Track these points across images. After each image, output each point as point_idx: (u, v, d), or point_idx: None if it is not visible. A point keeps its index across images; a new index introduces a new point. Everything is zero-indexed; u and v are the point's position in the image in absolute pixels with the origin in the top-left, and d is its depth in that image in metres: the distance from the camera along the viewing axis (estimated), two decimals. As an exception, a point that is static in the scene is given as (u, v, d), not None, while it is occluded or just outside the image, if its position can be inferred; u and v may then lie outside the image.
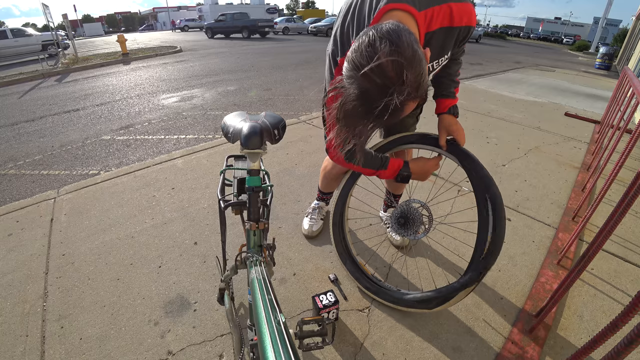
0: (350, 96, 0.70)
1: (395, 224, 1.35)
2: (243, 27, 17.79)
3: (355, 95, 0.69)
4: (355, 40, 0.72)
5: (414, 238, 1.33)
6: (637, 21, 12.93)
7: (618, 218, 1.01)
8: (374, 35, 0.68)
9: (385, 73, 0.65)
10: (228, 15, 18.32)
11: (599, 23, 24.39)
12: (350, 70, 0.69)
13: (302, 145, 3.00)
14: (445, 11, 0.96)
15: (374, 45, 0.66)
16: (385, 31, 0.68)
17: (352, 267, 1.48)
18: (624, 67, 3.34)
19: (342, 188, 1.44)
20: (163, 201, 2.13)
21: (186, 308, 1.38)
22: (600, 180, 2.25)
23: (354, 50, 0.70)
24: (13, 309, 1.37)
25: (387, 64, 0.65)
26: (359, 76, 0.67)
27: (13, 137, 3.81)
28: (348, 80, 0.70)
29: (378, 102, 0.67)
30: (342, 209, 1.48)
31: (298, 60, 9.51)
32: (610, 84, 7.67)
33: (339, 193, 1.46)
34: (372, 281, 1.43)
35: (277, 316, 0.59)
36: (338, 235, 1.50)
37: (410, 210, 1.31)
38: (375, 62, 0.65)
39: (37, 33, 13.43)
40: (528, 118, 4.14)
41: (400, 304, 1.33)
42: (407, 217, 1.31)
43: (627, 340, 0.67)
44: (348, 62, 0.71)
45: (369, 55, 0.66)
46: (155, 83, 6.60)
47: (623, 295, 1.50)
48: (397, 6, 0.89)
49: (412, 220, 1.30)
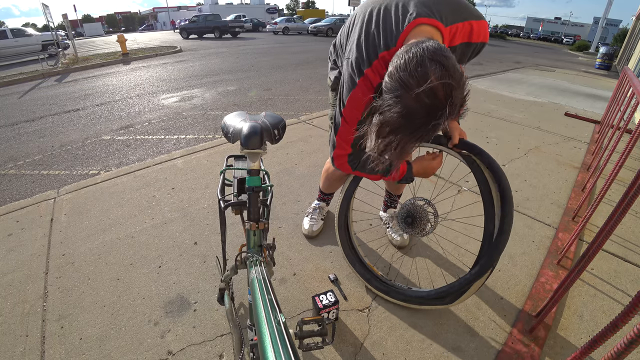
0: (395, 113, 0.71)
1: (402, 223, 1.35)
2: (215, 27, 18.61)
3: (401, 113, 0.71)
4: (396, 57, 0.74)
5: (423, 235, 1.34)
6: (637, 21, 12.93)
7: (618, 218, 1.01)
8: (421, 55, 0.69)
9: (436, 95, 0.67)
10: (201, 17, 19.22)
11: (599, 23, 24.38)
12: (396, 88, 0.71)
13: (302, 145, 3.00)
14: (467, 28, 1.00)
15: (424, 65, 0.68)
16: (433, 51, 0.70)
17: (362, 268, 1.47)
18: (624, 67, 3.34)
19: (346, 190, 1.44)
20: (163, 201, 2.13)
21: (186, 308, 1.38)
22: (600, 180, 2.25)
23: (400, 68, 0.71)
24: (13, 309, 1.37)
25: (439, 86, 0.67)
26: (409, 96, 0.69)
27: (13, 137, 3.81)
28: (393, 97, 0.71)
29: (424, 121, 0.70)
30: (346, 211, 1.48)
31: (298, 60, 9.51)
32: (610, 84, 7.67)
33: (343, 195, 1.45)
34: (382, 281, 1.43)
35: (277, 316, 0.59)
36: (345, 237, 1.50)
37: (417, 208, 1.31)
38: (427, 85, 0.67)
39: (37, 33, 13.44)
40: (528, 118, 4.14)
41: (413, 302, 1.34)
42: (414, 216, 1.32)
43: (627, 340, 0.67)
44: (393, 80, 0.72)
45: (420, 76, 0.68)
46: (155, 83, 6.60)
47: (623, 295, 1.50)
48: (427, 21, 0.90)
49: (420, 218, 1.31)
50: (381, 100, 0.75)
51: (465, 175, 1.23)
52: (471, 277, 1.16)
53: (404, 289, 1.39)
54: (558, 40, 47.11)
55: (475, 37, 1.04)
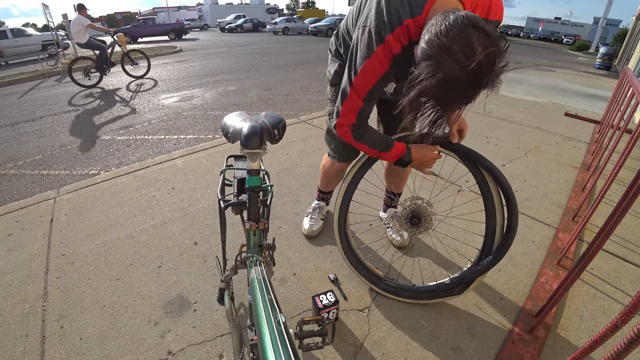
0: (436, 80, 0.71)
1: (406, 223, 1.35)
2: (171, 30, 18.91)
3: (443, 80, 0.70)
4: (434, 25, 0.73)
5: (423, 234, 1.37)
6: (637, 21, 12.93)
7: (618, 218, 1.01)
8: (462, 21, 0.69)
9: (481, 61, 0.67)
10: (149, 21, 19.40)
11: (599, 23, 24.38)
12: (437, 54, 0.70)
13: (302, 145, 3.00)
14: (486, 3, 0.99)
15: (467, 31, 0.68)
16: (473, 19, 0.70)
17: (365, 272, 1.46)
18: (624, 67, 3.34)
19: (344, 193, 1.41)
20: (163, 201, 2.13)
21: (186, 308, 1.37)
22: (600, 180, 2.25)
23: (441, 34, 0.70)
24: (13, 309, 1.37)
25: (484, 52, 0.67)
26: (452, 62, 0.68)
27: (13, 137, 3.81)
28: (433, 64, 0.71)
29: (467, 88, 0.70)
30: (345, 215, 1.45)
31: (298, 60, 9.51)
32: (610, 84, 7.67)
33: (341, 199, 1.42)
34: (387, 283, 1.43)
35: (277, 316, 0.59)
36: (345, 242, 1.48)
37: (419, 207, 1.32)
38: (472, 51, 0.67)
39: (37, 33, 13.44)
40: (528, 118, 4.14)
41: (423, 297, 1.36)
42: (418, 215, 1.33)
43: (627, 340, 0.67)
44: (434, 46, 0.71)
45: (464, 41, 0.68)
46: (155, 83, 6.59)
47: (623, 295, 1.50)
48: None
49: (423, 216, 1.32)
50: (419, 69, 0.74)
51: (464, 174, 1.23)
52: (482, 268, 1.22)
53: (409, 286, 1.40)
54: (558, 40, 47.08)
55: (492, 13, 1.02)
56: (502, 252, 1.19)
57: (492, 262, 1.21)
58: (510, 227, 1.17)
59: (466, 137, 1.24)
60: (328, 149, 1.55)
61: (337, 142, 1.47)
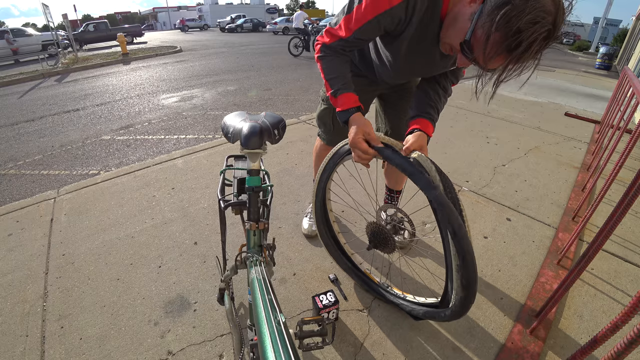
0: (503, 22, 0.70)
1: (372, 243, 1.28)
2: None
3: (507, 24, 0.70)
4: None
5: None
6: (637, 21, 12.93)
7: (618, 218, 1.01)
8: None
9: (545, 6, 0.67)
10: (90, 26, 18.82)
11: (599, 23, 24.38)
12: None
13: (302, 145, 3.00)
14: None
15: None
16: None
17: (344, 260, 1.47)
18: (624, 67, 3.34)
19: (316, 197, 1.33)
20: (163, 201, 2.13)
21: (186, 308, 1.37)
22: (600, 180, 2.25)
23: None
24: (13, 309, 1.37)
25: (552, 18, 0.68)
26: (518, 6, 0.68)
27: (13, 137, 3.81)
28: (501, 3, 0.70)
29: (531, 33, 0.69)
30: (326, 217, 1.41)
31: (298, 60, 9.51)
32: (610, 84, 7.66)
33: (314, 209, 1.36)
34: (394, 295, 1.35)
35: (277, 316, 0.59)
36: (335, 251, 1.46)
37: (380, 229, 1.22)
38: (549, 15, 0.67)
39: (37, 33, 13.45)
40: (528, 118, 4.13)
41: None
42: (380, 237, 1.23)
43: (627, 340, 0.67)
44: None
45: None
46: (155, 83, 6.60)
47: (623, 295, 1.50)
48: None
49: (384, 240, 1.22)
50: (484, 16, 0.74)
51: (464, 174, 1.22)
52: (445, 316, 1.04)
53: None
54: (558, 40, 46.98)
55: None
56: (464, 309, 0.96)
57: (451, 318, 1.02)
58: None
59: (466, 137, 1.24)
60: (319, 130, 1.56)
61: (326, 126, 1.49)
